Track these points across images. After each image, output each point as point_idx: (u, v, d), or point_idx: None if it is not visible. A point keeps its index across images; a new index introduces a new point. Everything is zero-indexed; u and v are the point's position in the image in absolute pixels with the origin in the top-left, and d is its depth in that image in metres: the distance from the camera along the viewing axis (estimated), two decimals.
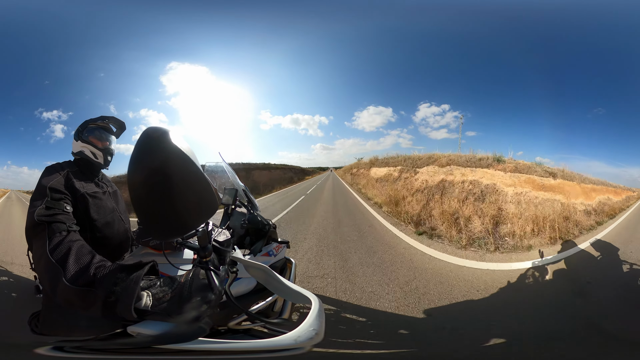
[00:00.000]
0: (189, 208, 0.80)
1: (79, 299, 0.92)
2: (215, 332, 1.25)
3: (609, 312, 3.05)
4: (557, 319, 2.93)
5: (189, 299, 0.87)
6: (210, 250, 1.04)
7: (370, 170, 13.59)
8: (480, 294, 3.38)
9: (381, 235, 5.80)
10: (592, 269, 4.36)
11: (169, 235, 0.86)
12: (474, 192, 7.41)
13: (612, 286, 3.58)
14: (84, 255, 1.04)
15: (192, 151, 0.79)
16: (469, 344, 2.52)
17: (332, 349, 2.09)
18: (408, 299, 3.12)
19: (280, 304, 1.75)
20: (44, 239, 1.14)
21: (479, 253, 4.92)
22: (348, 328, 2.62)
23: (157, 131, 0.75)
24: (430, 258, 4.49)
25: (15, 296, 3.06)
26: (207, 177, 0.86)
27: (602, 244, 5.12)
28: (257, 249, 1.90)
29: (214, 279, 0.96)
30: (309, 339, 0.81)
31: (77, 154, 1.75)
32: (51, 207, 1.30)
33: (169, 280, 0.94)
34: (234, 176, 2.15)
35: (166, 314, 0.86)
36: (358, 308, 2.95)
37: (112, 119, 1.85)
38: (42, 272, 1.06)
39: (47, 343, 1.10)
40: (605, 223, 6.72)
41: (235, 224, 1.92)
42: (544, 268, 4.12)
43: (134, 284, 0.85)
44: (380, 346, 2.39)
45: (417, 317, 2.83)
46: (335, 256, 4.40)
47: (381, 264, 4.13)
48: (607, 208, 7.53)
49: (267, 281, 1.21)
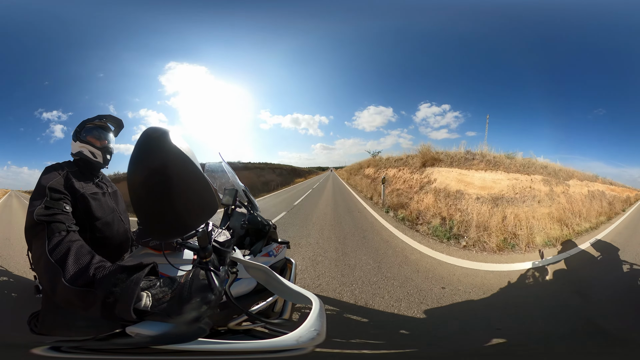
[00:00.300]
0: (189, 208, 0.79)
1: (79, 299, 0.92)
2: (215, 332, 1.25)
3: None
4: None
5: (189, 299, 0.87)
6: (210, 250, 1.04)
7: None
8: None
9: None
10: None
11: (169, 235, 0.86)
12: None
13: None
14: (83, 255, 1.04)
15: (192, 151, 0.78)
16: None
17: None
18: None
19: (280, 305, 1.75)
20: (43, 238, 1.14)
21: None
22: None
23: (157, 131, 0.75)
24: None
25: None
26: (207, 178, 0.86)
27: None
28: (257, 250, 1.90)
29: (214, 279, 0.96)
30: (310, 339, 0.81)
31: (76, 154, 1.75)
32: (50, 207, 1.30)
33: (169, 281, 0.94)
34: (234, 176, 2.15)
35: (166, 314, 0.86)
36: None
37: (110, 118, 1.85)
38: (42, 272, 1.06)
39: (44, 343, 1.10)
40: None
41: (235, 224, 1.92)
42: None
43: (134, 285, 0.85)
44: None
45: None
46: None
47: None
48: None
49: (267, 281, 1.21)
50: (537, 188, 7.17)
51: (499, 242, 5.18)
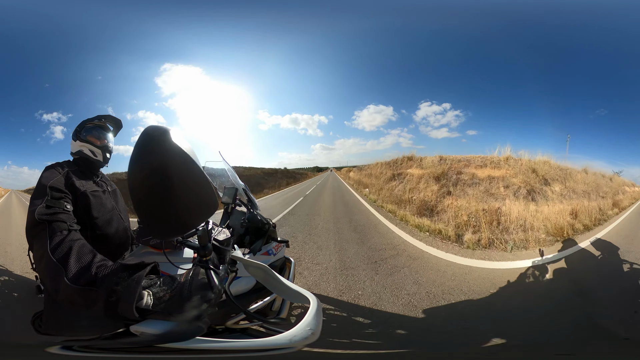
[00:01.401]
0: (189, 207, 0.80)
1: (81, 298, 0.93)
2: (213, 331, 1.26)
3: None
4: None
5: (189, 297, 0.87)
6: (210, 249, 1.04)
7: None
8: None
9: None
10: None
11: (169, 234, 0.86)
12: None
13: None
14: (85, 254, 1.04)
15: (192, 150, 0.79)
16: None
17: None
18: None
19: (278, 303, 1.75)
20: (44, 238, 1.14)
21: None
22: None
23: (158, 130, 0.75)
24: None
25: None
26: (207, 177, 0.86)
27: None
28: (256, 248, 1.90)
29: (213, 278, 0.96)
30: (304, 339, 0.81)
31: (76, 153, 1.77)
32: (52, 206, 1.30)
33: (169, 279, 0.94)
34: (233, 175, 2.16)
35: (167, 312, 0.86)
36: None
37: (109, 118, 1.87)
38: (44, 271, 1.06)
39: (56, 342, 1.11)
40: None
41: (235, 222, 1.93)
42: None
43: (136, 284, 0.85)
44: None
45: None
46: None
47: None
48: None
49: (266, 280, 1.21)
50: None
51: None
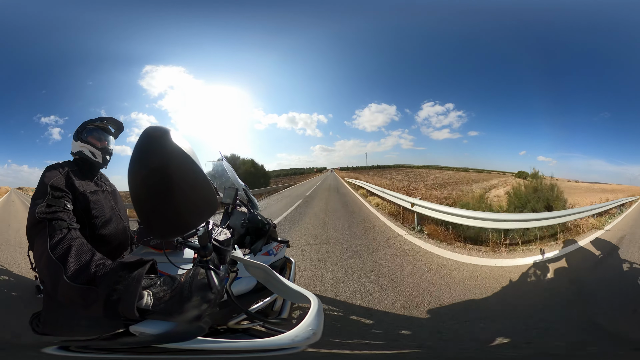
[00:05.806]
0: (190, 207, 0.80)
1: (80, 296, 0.92)
2: (215, 331, 1.25)
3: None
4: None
5: (189, 298, 0.87)
6: (210, 249, 1.04)
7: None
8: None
9: None
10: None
11: (170, 234, 0.86)
12: None
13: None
14: (84, 252, 1.04)
15: (192, 150, 0.79)
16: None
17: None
18: None
19: (279, 304, 1.75)
20: (45, 236, 1.14)
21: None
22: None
23: (158, 130, 0.75)
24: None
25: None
26: (207, 177, 0.86)
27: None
28: (257, 248, 1.90)
29: (214, 278, 0.96)
30: (306, 339, 0.81)
31: (76, 153, 1.77)
32: (52, 205, 1.31)
33: (169, 280, 0.94)
34: (234, 175, 2.15)
35: (167, 313, 0.86)
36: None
37: (111, 120, 1.88)
38: (43, 269, 1.07)
39: (53, 343, 1.10)
40: None
41: (236, 223, 1.93)
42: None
43: (136, 283, 0.85)
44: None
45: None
46: None
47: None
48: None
49: (267, 280, 1.21)
50: None
51: None
